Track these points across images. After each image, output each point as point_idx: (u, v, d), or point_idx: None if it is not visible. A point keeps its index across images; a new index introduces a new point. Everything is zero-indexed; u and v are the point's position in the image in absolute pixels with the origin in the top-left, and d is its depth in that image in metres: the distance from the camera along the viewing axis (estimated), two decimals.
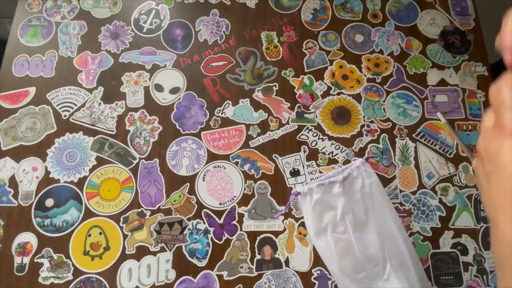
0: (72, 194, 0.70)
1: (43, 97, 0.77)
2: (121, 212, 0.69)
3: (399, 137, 0.76)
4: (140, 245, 0.68)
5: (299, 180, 0.72)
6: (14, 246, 0.67)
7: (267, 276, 0.67)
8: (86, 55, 0.81)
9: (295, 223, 0.69)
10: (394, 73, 0.80)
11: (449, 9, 0.87)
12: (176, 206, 0.70)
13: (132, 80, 0.79)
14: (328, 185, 0.62)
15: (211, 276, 0.66)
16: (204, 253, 0.67)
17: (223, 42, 0.82)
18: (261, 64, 0.81)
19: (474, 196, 0.72)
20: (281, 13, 0.85)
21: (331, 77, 0.80)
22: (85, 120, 0.76)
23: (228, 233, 0.69)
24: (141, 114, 0.76)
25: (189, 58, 0.81)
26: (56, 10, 0.84)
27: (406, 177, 0.73)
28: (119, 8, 0.85)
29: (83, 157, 0.73)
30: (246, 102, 0.78)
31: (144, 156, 0.73)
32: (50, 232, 0.68)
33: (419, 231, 0.70)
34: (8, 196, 0.70)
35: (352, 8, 0.86)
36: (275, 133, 0.75)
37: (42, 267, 0.66)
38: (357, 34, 0.84)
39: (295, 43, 0.83)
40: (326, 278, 0.66)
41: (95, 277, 0.66)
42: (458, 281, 0.67)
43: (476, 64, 0.82)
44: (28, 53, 0.80)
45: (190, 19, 0.84)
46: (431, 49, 0.83)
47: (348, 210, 0.61)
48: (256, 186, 0.72)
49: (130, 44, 0.82)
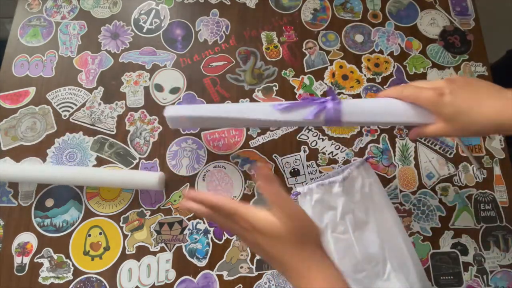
0: (72, 194, 0.70)
1: (43, 97, 0.77)
2: (121, 212, 0.69)
3: (399, 137, 0.76)
4: (140, 245, 0.68)
5: (299, 180, 0.72)
6: (14, 246, 0.67)
7: (267, 276, 0.67)
8: (86, 55, 0.81)
9: None
10: (394, 73, 0.80)
11: (449, 9, 0.87)
12: (176, 206, 0.70)
13: (132, 80, 0.79)
14: (328, 185, 0.62)
15: (211, 276, 0.66)
16: (204, 253, 0.67)
17: (223, 42, 0.82)
18: (261, 64, 0.81)
19: (474, 196, 0.72)
20: (281, 13, 0.85)
21: (331, 77, 0.80)
22: (85, 120, 0.76)
23: (228, 233, 0.69)
24: (141, 114, 0.76)
25: (189, 58, 0.81)
26: (56, 10, 0.84)
27: (406, 177, 0.73)
28: (119, 8, 0.85)
29: (83, 157, 0.73)
30: (246, 102, 0.78)
31: (144, 156, 0.73)
32: (50, 232, 0.68)
33: (419, 231, 0.70)
34: (8, 196, 0.70)
35: (352, 8, 0.86)
36: (275, 133, 0.75)
37: (42, 267, 0.66)
38: (357, 34, 0.84)
39: (295, 43, 0.83)
40: None
41: (95, 277, 0.66)
42: (458, 281, 0.67)
43: (476, 64, 0.82)
44: (28, 53, 0.80)
45: (190, 19, 0.84)
46: (431, 49, 0.83)
47: (348, 210, 0.61)
48: (256, 186, 0.72)
49: (130, 44, 0.82)
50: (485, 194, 0.72)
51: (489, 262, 0.68)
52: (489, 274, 0.68)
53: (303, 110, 0.55)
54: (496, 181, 0.73)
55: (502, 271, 0.68)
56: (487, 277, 0.68)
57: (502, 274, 0.68)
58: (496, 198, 0.72)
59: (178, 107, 0.68)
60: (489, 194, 0.72)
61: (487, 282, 0.67)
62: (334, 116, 0.54)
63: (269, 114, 0.57)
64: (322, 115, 0.55)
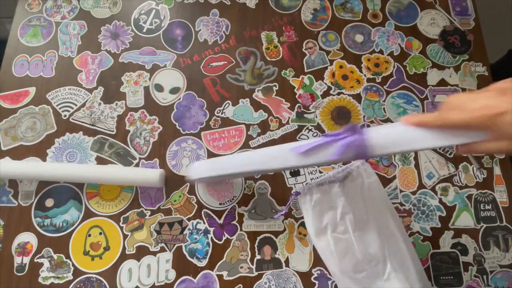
0: (72, 194, 0.70)
1: (43, 97, 0.77)
2: (121, 212, 0.69)
3: None
4: (140, 245, 0.68)
5: (299, 180, 0.72)
6: (14, 246, 0.67)
7: (267, 276, 0.67)
8: (86, 55, 0.81)
9: (295, 223, 0.69)
10: (394, 73, 0.80)
11: (449, 9, 0.87)
12: (176, 206, 0.70)
13: (132, 80, 0.79)
14: (328, 185, 0.62)
15: (211, 276, 0.66)
16: (204, 253, 0.67)
17: (223, 42, 0.82)
18: (261, 64, 0.81)
19: (474, 196, 0.72)
20: (281, 13, 0.85)
21: (331, 77, 0.80)
22: (85, 120, 0.76)
23: (228, 233, 0.69)
24: (141, 114, 0.76)
25: (189, 58, 0.81)
26: (56, 10, 0.84)
27: (406, 177, 0.73)
28: (119, 8, 0.85)
29: (83, 157, 0.73)
30: (246, 102, 0.78)
31: (144, 156, 0.73)
32: (50, 232, 0.68)
33: (419, 231, 0.70)
34: (8, 196, 0.70)
35: (352, 8, 0.86)
36: (275, 133, 0.75)
37: (42, 267, 0.66)
38: (357, 34, 0.84)
39: (295, 43, 0.83)
40: (326, 278, 0.66)
41: (95, 277, 0.66)
42: (458, 281, 0.67)
43: (476, 64, 0.82)
44: (28, 53, 0.80)
45: (190, 19, 0.84)
46: (431, 49, 0.83)
47: (348, 210, 0.61)
48: (256, 186, 0.72)
49: (130, 44, 0.82)
50: (485, 194, 0.72)
51: (489, 262, 0.68)
52: (489, 274, 0.68)
53: (326, 151, 0.51)
54: (496, 181, 0.73)
55: (502, 271, 0.68)
56: (487, 277, 0.68)
57: (502, 274, 0.68)
58: (496, 198, 0.72)
59: (199, 165, 0.63)
60: (489, 194, 0.72)
61: (487, 282, 0.67)
62: (361, 152, 0.49)
63: (290, 161, 0.53)
64: (348, 152, 0.50)
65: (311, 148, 0.51)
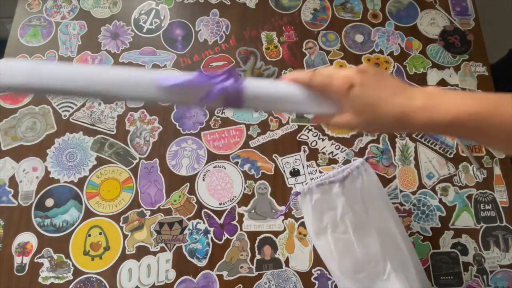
0: (72, 194, 0.70)
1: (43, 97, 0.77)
2: (121, 212, 0.69)
3: (399, 137, 0.76)
4: (140, 245, 0.68)
5: (299, 180, 0.72)
6: (14, 246, 0.67)
7: (267, 276, 0.67)
8: (86, 55, 0.81)
9: (295, 223, 0.69)
10: (394, 73, 0.80)
11: (449, 9, 0.87)
12: (176, 206, 0.70)
13: None
14: (328, 185, 0.62)
15: (211, 276, 0.66)
16: (204, 253, 0.67)
17: (223, 42, 0.82)
18: (261, 64, 0.81)
19: (474, 196, 0.72)
20: (281, 13, 0.85)
21: None
22: (85, 120, 0.76)
23: (228, 233, 0.69)
24: (141, 114, 0.76)
25: (189, 58, 0.81)
26: (56, 10, 0.84)
27: (406, 177, 0.73)
28: (119, 8, 0.85)
29: (83, 157, 0.73)
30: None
31: (144, 156, 0.73)
32: (50, 232, 0.68)
33: (419, 231, 0.70)
34: (8, 196, 0.70)
35: (352, 8, 0.86)
36: (275, 133, 0.75)
37: (42, 267, 0.66)
38: (357, 34, 0.84)
39: (295, 43, 0.83)
40: (326, 278, 0.66)
41: (95, 277, 0.66)
42: (458, 281, 0.67)
43: (476, 64, 0.82)
44: (28, 53, 0.80)
45: (190, 19, 0.84)
46: (431, 49, 0.83)
47: (348, 210, 0.61)
48: (256, 186, 0.72)
49: (130, 44, 0.82)
50: (485, 194, 0.72)
51: (489, 262, 0.68)
52: (489, 274, 0.68)
53: (196, 91, 0.44)
54: (496, 181, 0.73)
55: (502, 271, 0.68)
56: (487, 277, 0.68)
57: (502, 274, 0.68)
58: (496, 198, 0.72)
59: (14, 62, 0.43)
60: (489, 194, 0.72)
61: (487, 282, 0.67)
62: (234, 100, 0.45)
63: (150, 92, 0.43)
64: (220, 98, 0.45)
65: (180, 83, 0.44)
